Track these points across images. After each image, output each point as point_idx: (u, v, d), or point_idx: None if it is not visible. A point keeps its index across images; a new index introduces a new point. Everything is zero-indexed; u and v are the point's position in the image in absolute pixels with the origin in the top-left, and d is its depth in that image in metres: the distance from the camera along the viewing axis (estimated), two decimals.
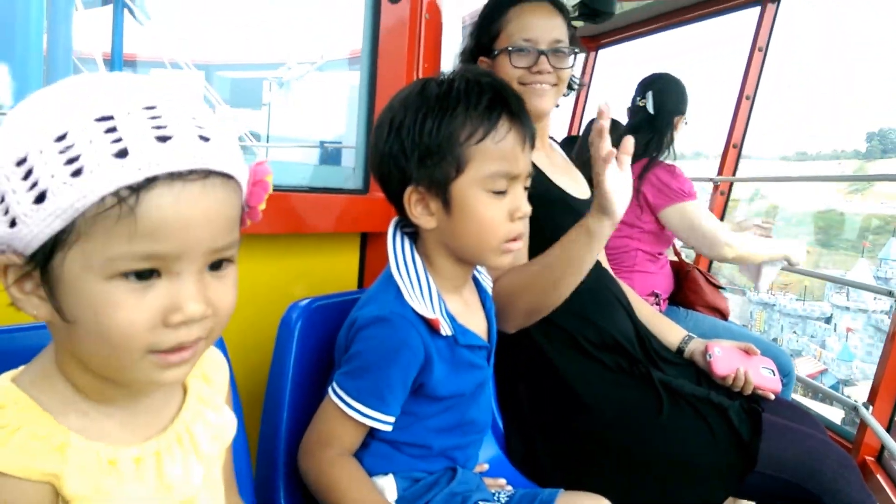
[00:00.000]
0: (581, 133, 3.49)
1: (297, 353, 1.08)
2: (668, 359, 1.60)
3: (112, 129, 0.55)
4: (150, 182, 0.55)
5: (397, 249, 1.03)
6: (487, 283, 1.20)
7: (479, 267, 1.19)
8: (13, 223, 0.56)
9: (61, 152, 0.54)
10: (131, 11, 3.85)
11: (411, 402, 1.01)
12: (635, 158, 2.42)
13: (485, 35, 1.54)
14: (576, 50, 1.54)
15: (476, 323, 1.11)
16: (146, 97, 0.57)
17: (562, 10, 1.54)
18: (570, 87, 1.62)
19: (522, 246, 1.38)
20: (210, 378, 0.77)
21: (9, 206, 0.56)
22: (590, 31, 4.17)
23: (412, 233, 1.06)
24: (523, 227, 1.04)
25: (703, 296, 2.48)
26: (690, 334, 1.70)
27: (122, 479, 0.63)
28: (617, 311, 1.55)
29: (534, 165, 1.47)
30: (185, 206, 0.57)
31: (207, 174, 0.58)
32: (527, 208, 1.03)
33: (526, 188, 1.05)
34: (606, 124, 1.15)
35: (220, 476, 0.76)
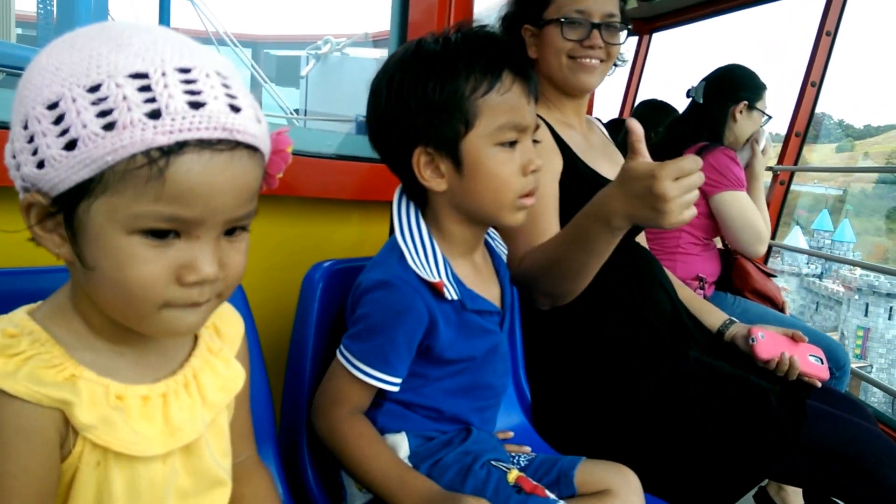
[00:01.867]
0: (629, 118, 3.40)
1: (318, 311, 1.09)
2: (706, 341, 1.56)
3: (146, 88, 0.55)
4: (181, 147, 0.55)
5: (402, 215, 1.02)
6: (502, 250, 1.18)
7: (491, 233, 1.17)
8: (41, 164, 0.57)
9: (94, 103, 0.55)
10: None
11: (420, 365, 1.00)
12: (683, 146, 2.39)
13: (532, 1, 1.49)
14: (628, 26, 1.50)
15: (487, 288, 1.08)
16: (181, 58, 0.57)
17: None
18: (613, 65, 1.57)
19: (552, 223, 1.36)
20: (221, 331, 0.78)
21: (38, 147, 0.56)
22: (643, 12, 4.06)
23: (419, 200, 1.04)
24: (536, 181, 1.01)
25: (752, 283, 2.40)
26: (732, 318, 1.65)
27: (130, 414, 0.64)
28: (655, 290, 1.51)
29: (567, 147, 1.44)
30: (213, 174, 0.57)
31: (236, 145, 0.59)
32: (539, 161, 1.00)
33: (535, 141, 1.02)
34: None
35: (227, 425, 0.77)
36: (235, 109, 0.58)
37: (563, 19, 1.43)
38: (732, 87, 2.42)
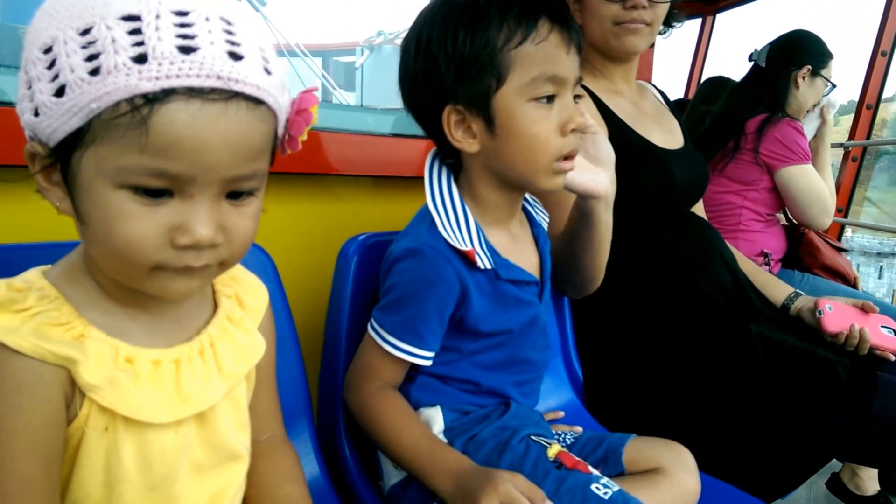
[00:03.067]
0: (693, 96, 3.29)
1: (353, 286, 1.06)
2: (772, 315, 1.47)
3: (136, 31, 0.52)
4: (167, 94, 0.52)
5: (434, 180, 0.96)
6: (542, 217, 1.12)
7: (531, 199, 1.11)
8: (36, 112, 0.55)
9: (83, 47, 0.52)
10: None
11: (454, 338, 0.96)
12: (745, 114, 2.28)
13: None
14: None
15: (525, 258, 1.02)
16: (183, 1, 0.54)
17: None
18: (668, 24, 1.50)
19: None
20: (243, 301, 0.75)
21: (34, 93, 0.55)
22: None
23: (453, 164, 0.99)
24: (576, 142, 0.94)
25: (821, 258, 2.28)
26: (798, 291, 1.56)
27: (138, 378, 0.61)
28: (714, 262, 1.44)
29: (613, 116, 1.38)
30: (202, 126, 0.53)
31: (232, 95, 0.54)
32: (580, 119, 0.92)
33: (577, 97, 0.95)
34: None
35: (245, 398, 0.75)
36: (236, 57, 0.54)
37: None
38: (797, 52, 2.29)
